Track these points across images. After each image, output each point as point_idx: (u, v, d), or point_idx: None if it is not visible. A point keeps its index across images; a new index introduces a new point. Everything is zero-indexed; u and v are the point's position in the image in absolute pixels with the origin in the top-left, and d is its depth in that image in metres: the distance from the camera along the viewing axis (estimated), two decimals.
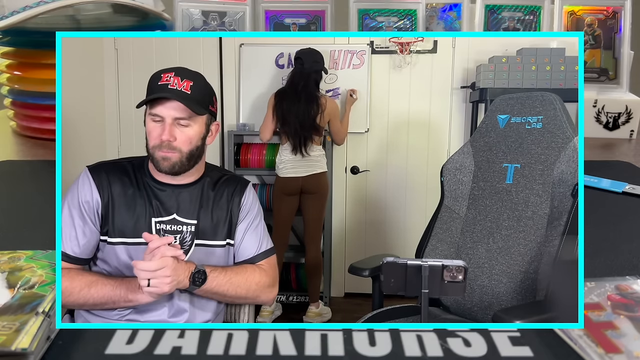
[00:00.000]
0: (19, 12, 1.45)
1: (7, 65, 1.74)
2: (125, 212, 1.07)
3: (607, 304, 0.82)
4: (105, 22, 1.69)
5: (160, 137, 1.04)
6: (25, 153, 1.70)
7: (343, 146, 2.93)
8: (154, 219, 1.08)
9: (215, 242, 1.13)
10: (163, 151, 1.04)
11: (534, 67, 2.45)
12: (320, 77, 2.48)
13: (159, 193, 1.09)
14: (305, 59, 2.41)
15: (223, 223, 1.14)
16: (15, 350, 0.69)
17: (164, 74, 1.05)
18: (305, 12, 1.91)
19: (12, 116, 1.84)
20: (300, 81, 2.41)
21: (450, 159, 1.61)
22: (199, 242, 1.11)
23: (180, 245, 1.08)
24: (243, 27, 1.90)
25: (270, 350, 0.73)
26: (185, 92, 1.03)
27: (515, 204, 1.41)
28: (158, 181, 1.10)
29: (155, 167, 1.06)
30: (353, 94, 2.71)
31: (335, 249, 2.97)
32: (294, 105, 2.39)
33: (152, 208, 1.08)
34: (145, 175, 1.11)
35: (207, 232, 1.12)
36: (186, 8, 1.88)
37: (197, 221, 1.11)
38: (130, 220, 1.07)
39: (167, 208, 1.09)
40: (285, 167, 2.47)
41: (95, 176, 1.08)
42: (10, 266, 0.92)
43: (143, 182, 1.10)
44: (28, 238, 1.08)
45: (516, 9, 1.91)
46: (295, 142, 2.42)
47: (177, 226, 1.09)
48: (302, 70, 2.42)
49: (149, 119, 1.06)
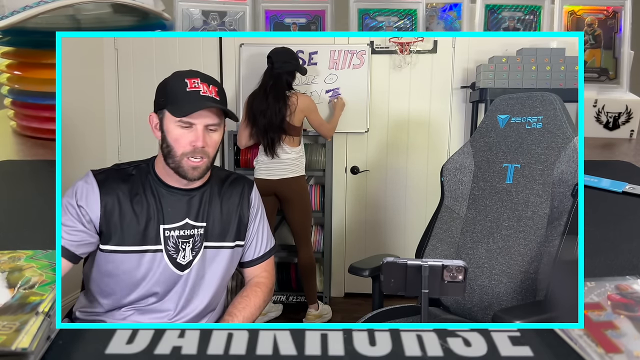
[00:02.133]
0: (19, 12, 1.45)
1: (7, 65, 1.74)
2: (131, 221, 1.04)
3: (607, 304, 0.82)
4: (105, 22, 1.69)
5: (192, 144, 1.02)
6: (25, 153, 1.70)
7: (343, 146, 2.94)
8: (162, 226, 1.06)
9: (224, 243, 1.13)
10: (195, 158, 1.02)
11: (534, 67, 2.45)
12: (292, 77, 2.42)
13: (170, 198, 1.08)
14: (275, 58, 2.37)
15: (233, 224, 1.15)
16: (15, 350, 0.69)
17: (188, 80, 1.02)
18: (305, 12, 1.91)
19: (12, 116, 1.84)
20: (270, 81, 2.37)
21: (450, 159, 1.61)
22: (208, 244, 1.11)
23: (192, 248, 1.08)
24: (243, 27, 1.90)
25: (270, 350, 0.73)
26: (216, 99, 1.04)
27: (515, 204, 1.41)
28: (170, 186, 1.08)
29: (181, 175, 1.04)
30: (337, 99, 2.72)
31: (335, 249, 2.97)
32: (262, 104, 2.35)
33: (163, 215, 1.06)
34: (154, 181, 1.08)
35: (216, 234, 1.12)
36: (186, 8, 1.89)
37: (207, 223, 1.11)
38: (137, 228, 1.04)
39: (179, 213, 1.08)
40: (259, 168, 2.46)
41: (101, 184, 1.04)
42: (10, 266, 0.92)
43: (152, 188, 1.07)
44: (28, 238, 1.08)
45: (516, 8, 1.91)
46: (265, 142, 2.39)
47: (190, 230, 1.09)
48: (272, 70, 2.38)
49: (176, 125, 1.02)
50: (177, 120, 1.01)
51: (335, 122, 2.62)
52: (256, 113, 2.39)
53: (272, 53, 2.40)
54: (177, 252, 1.07)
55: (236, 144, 2.80)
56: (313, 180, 3.00)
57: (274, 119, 2.34)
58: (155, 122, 1.06)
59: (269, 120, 2.34)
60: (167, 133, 1.03)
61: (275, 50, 2.41)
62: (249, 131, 2.46)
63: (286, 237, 3.00)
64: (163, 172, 1.08)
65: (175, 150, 1.02)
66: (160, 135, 1.05)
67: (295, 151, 2.44)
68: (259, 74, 2.47)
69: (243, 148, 2.63)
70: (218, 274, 1.13)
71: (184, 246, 1.08)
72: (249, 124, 2.44)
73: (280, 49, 2.41)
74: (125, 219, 1.04)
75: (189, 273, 1.09)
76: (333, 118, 2.64)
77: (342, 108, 2.70)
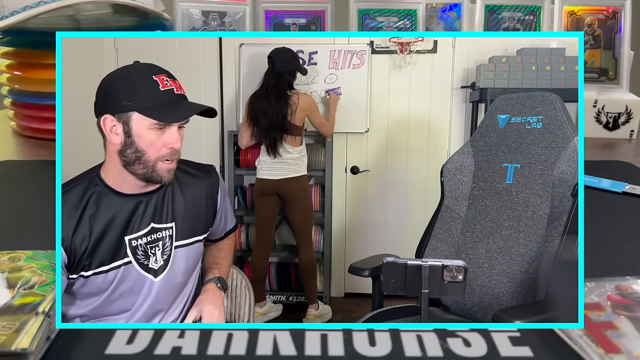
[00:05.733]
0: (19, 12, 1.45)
1: (7, 65, 1.74)
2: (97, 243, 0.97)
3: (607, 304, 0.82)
4: (105, 22, 1.69)
5: (169, 146, 0.95)
6: (25, 153, 1.70)
7: (343, 146, 2.94)
8: (127, 237, 1.00)
9: (195, 238, 1.10)
10: (170, 161, 0.97)
11: (534, 67, 2.45)
12: (293, 77, 2.43)
13: (130, 207, 1.00)
14: (276, 58, 2.38)
15: (203, 218, 1.12)
16: (15, 350, 0.69)
17: (158, 78, 0.94)
18: (305, 12, 1.91)
19: (12, 116, 1.84)
20: (271, 80, 2.38)
21: (450, 159, 1.61)
22: (178, 243, 1.07)
23: (162, 251, 1.04)
24: (243, 27, 1.90)
25: (270, 350, 0.73)
26: (185, 95, 0.98)
27: (516, 204, 1.41)
28: (128, 195, 1.00)
29: (154, 180, 0.97)
30: (329, 96, 2.71)
31: (335, 249, 2.97)
32: (263, 104, 2.36)
33: (124, 226, 0.99)
34: (106, 193, 0.99)
35: (186, 231, 1.08)
36: (186, 8, 1.88)
37: (175, 223, 1.06)
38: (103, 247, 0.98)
39: (143, 220, 1.01)
40: (261, 168, 2.46)
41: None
42: (10, 266, 0.92)
43: (106, 203, 0.98)
44: (28, 238, 1.08)
45: (516, 9, 1.91)
46: (267, 142, 2.39)
47: (157, 234, 1.03)
48: (273, 70, 2.39)
49: (149, 128, 0.94)
50: (154, 123, 0.93)
51: (332, 119, 2.63)
52: (258, 113, 2.39)
53: (273, 53, 2.40)
54: (147, 258, 1.03)
55: (236, 144, 2.81)
56: (313, 180, 3.00)
57: (276, 119, 2.34)
58: (111, 125, 0.94)
59: (271, 120, 2.35)
60: (137, 137, 0.93)
61: (276, 50, 2.41)
62: (251, 131, 2.46)
63: (287, 237, 3.01)
64: (117, 181, 0.99)
65: (148, 155, 0.95)
66: (121, 140, 0.94)
67: (297, 151, 2.44)
68: (259, 74, 2.47)
69: (244, 148, 2.63)
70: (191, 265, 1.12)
71: (153, 251, 1.03)
72: (251, 124, 2.45)
73: (281, 49, 2.42)
74: (90, 243, 0.97)
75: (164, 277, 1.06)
76: (329, 116, 2.64)
77: (335, 104, 2.70)
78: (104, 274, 1.00)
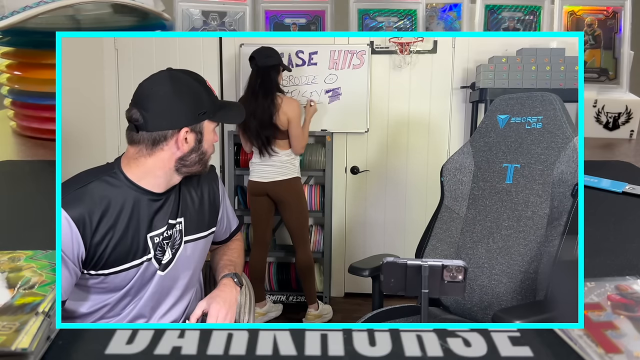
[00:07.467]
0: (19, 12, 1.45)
1: (7, 65, 1.74)
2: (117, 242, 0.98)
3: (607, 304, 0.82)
4: (105, 22, 1.69)
5: (215, 141, 1.06)
6: (25, 153, 1.70)
7: (343, 146, 2.94)
8: (149, 234, 1.03)
9: (202, 233, 1.14)
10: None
11: (533, 67, 2.45)
12: (277, 73, 2.39)
13: (154, 205, 1.03)
14: (258, 57, 2.36)
15: (208, 213, 1.15)
16: (15, 350, 0.69)
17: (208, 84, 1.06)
18: (305, 12, 1.91)
19: (12, 116, 1.84)
20: (257, 79, 2.36)
21: (450, 159, 1.61)
22: (187, 238, 1.11)
23: (171, 246, 1.07)
24: (243, 27, 1.90)
25: (270, 350, 0.73)
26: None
27: (515, 204, 1.41)
28: (149, 192, 1.02)
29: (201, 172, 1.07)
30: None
31: (335, 249, 2.97)
32: (251, 105, 2.32)
33: (147, 224, 1.02)
34: (133, 190, 1.00)
35: (194, 227, 1.12)
36: (186, 8, 1.89)
37: (184, 218, 1.09)
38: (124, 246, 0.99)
39: (162, 217, 1.05)
40: (253, 170, 2.46)
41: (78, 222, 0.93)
42: (10, 266, 0.92)
43: (131, 199, 0.99)
44: (28, 238, 1.08)
45: (516, 9, 1.91)
46: (258, 143, 2.37)
47: (171, 230, 1.07)
48: (257, 69, 2.37)
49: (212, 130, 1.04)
50: (215, 125, 1.04)
51: (305, 132, 2.46)
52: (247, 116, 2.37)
53: (255, 53, 2.39)
54: (163, 253, 1.06)
55: (236, 143, 2.81)
56: (313, 180, 3.00)
57: (264, 117, 2.32)
58: (184, 136, 0.99)
59: (259, 121, 2.33)
60: (205, 142, 1.03)
61: (257, 50, 2.40)
62: (247, 136, 2.44)
63: (286, 238, 3.01)
64: (148, 180, 1.01)
65: (209, 153, 1.05)
66: (190, 147, 1.00)
67: (286, 153, 2.42)
68: None
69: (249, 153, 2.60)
70: (194, 264, 1.14)
71: (166, 247, 1.06)
72: (242, 128, 2.43)
73: (261, 48, 2.41)
74: (111, 242, 0.97)
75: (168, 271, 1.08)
76: (303, 127, 2.46)
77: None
78: (125, 272, 1.01)
